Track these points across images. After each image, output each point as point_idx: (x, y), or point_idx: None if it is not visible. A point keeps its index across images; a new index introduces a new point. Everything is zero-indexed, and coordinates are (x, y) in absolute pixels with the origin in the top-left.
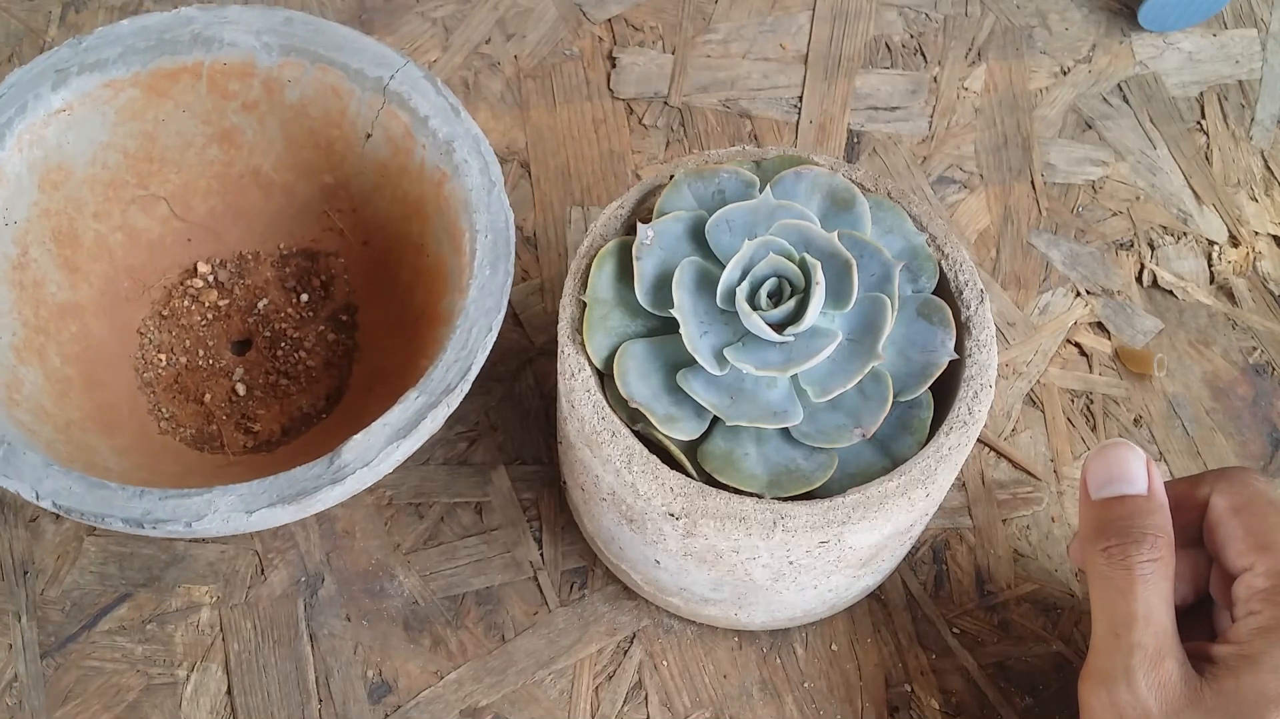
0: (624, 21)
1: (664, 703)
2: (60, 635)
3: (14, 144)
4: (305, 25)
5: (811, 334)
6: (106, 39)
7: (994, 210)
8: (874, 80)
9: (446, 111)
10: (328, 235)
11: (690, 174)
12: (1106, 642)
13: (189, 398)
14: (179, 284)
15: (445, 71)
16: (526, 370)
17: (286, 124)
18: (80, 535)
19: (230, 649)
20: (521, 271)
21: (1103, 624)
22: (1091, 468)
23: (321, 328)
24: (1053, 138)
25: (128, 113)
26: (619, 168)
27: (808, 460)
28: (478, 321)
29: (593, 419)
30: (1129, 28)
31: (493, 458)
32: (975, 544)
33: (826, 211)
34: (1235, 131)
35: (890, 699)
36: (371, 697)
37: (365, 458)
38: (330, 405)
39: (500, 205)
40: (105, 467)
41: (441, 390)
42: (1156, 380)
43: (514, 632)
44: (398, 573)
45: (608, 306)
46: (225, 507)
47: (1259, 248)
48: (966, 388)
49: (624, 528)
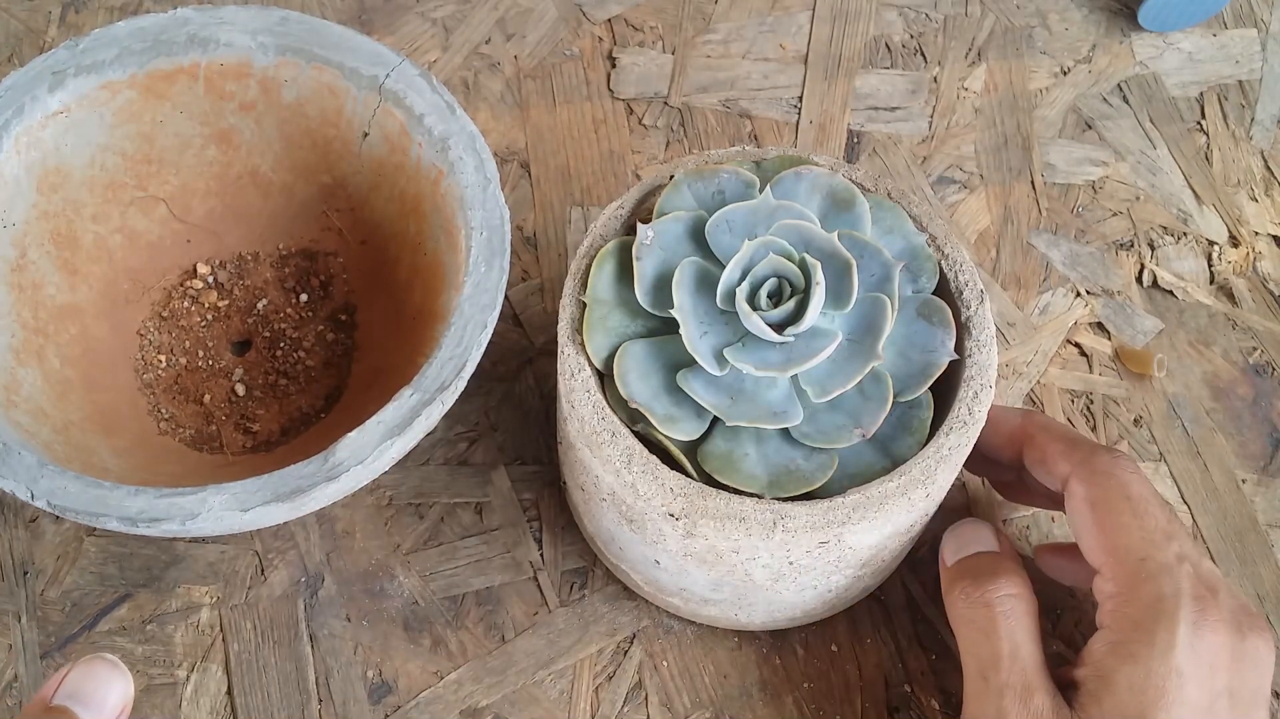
0: (624, 21)
1: (664, 703)
2: (60, 636)
3: (11, 146)
4: (301, 25)
5: (811, 334)
6: (103, 41)
7: (994, 210)
8: (874, 80)
9: (442, 109)
10: (326, 235)
11: (690, 174)
12: (977, 687)
13: (189, 398)
14: (178, 285)
15: (445, 72)
16: (526, 370)
17: (284, 124)
18: (80, 536)
19: (230, 649)
20: (521, 271)
21: (972, 669)
22: (947, 542)
23: (320, 327)
24: (1053, 138)
25: (125, 114)
26: (619, 168)
27: (808, 461)
28: (473, 319)
29: (593, 419)
30: (1129, 28)
31: (493, 458)
32: None
33: (826, 212)
34: (1235, 131)
35: (890, 699)
36: (371, 697)
37: (360, 455)
38: (329, 405)
39: (495, 202)
40: (104, 467)
41: (436, 388)
42: (1156, 380)
43: (514, 632)
44: (398, 573)
45: (608, 307)
46: (220, 505)
47: (1259, 248)
48: (966, 388)
49: (624, 528)
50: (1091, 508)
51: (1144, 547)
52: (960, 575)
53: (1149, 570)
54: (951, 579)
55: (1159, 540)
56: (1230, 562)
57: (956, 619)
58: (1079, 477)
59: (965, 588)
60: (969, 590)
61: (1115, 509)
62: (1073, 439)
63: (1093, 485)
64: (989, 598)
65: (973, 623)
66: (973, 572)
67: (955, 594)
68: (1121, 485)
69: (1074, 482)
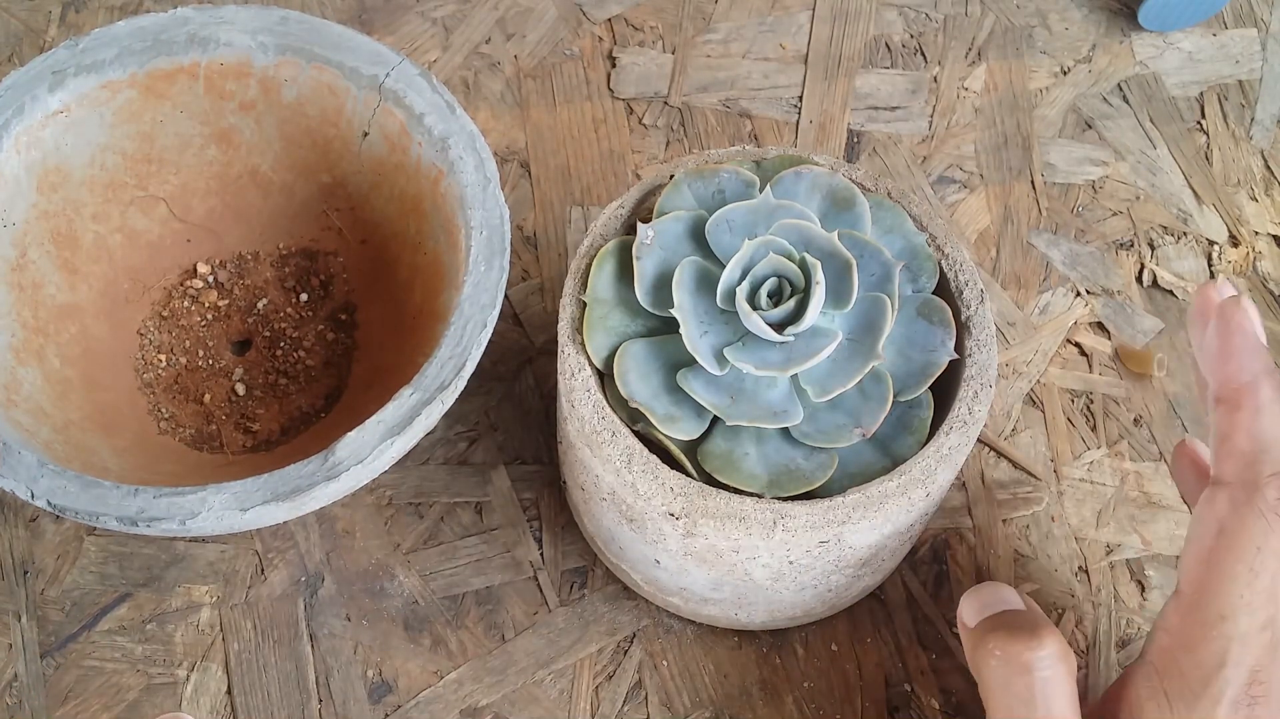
0: (624, 21)
1: (664, 703)
2: (60, 635)
3: (11, 146)
4: (301, 24)
5: (811, 334)
6: (103, 40)
7: (994, 210)
8: (874, 80)
9: (442, 108)
10: (326, 234)
11: (690, 174)
12: None
13: (189, 398)
14: (178, 285)
15: (445, 71)
16: (526, 370)
17: (284, 124)
18: (80, 535)
19: (230, 649)
20: (521, 271)
21: None
22: (967, 603)
23: (321, 327)
24: (1053, 138)
25: (125, 114)
26: (619, 168)
27: (808, 460)
28: (472, 318)
29: (593, 419)
30: (1129, 28)
31: (493, 458)
32: (975, 544)
33: (826, 211)
34: (1235, 131)
35: (890, 699)
36: (371, 697)
37: (359, 455)
38: (330, 404)
39: (495, 201)
40: (104, 467)
41: (436, 387)
42: (1156, 380)
43: (514, 632)
44: (398, 573)
45: (608, 306)
46: (219, 504)
47: (1259, 248)
48: (966, 388)
49: (624, 528)
50: (1219, 534)
51: (1233, 604)
52: (991, 631)
53: (1223, 632)
54: (980, 636)
55: (1255, 605)
56: None
57: (989, 681)
58: (1232, 496)
59: (1000, 644)
60: (1005, 648)
61: (1236, 551)
62: (1264, 438)
63: (1236, 514)
64: (1028, 660)
65: (1008, 688)
66: (1007, 626)
67: (986, 652)
68: (1262, 534)
69: (1223, 494)
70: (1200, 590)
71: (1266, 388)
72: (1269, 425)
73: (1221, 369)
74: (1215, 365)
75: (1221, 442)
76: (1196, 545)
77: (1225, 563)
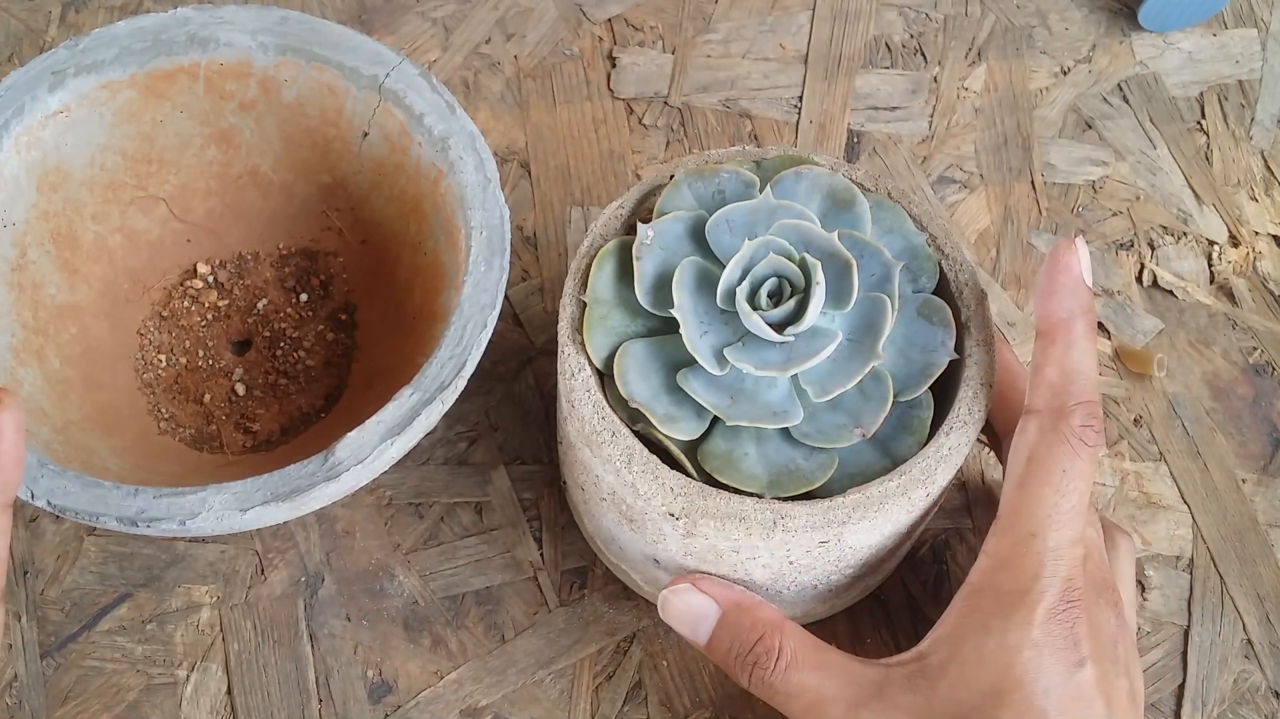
0: (624, 21)
1: (664, 703)
2: (60, 635)
3: (11, 146)
4: (301, 24)
5: (811, 334)
6: (103, 40)
7: (994, 210)
8: (874, 80)
9: (442, 108)
10: (326, 235)
11: (690, 174)
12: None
13: (189, 398)
14: (179, 285)
15: (445, 71)
16: (526, 370)
17: (284, 124)
18: (80, 535)
19: (230, 649)
20: (521, 271)
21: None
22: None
23: (321, 327)
24: (1053, 138)
25: (125, 114)
26: (619, 168)
27: (808, 460)
28: (472, 318)
29: (593, 419)
30: (1129, 28)
31: (493, 458)
32: (975, 544)
33: (826, 211)
34: (1235, 131)
35: None
36: (371, 697)
37: (359, 455)
38: (330, 405)
39: (495, 201)
40: (104, 467)
41: (436, 387)
42: (1156, 380)
43: (514, 632)
44: (398, 573)
45: (608, 306)
46: (219, 505)
47: (1259, 248)
48: (966, 388)
49: (624, 528)
50: (1029, 460)
51: (1042, 522)
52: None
53: (1034, 548)
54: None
55: (1062, 522)
56: (1230, 561)
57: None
58: (1040, 423)
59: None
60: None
61: (1043, 475)
62: (1072, 370)
63: (1044, 440)
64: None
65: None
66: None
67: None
68: (1067, 458)
69: (1033, 422)
70: (1014, 513)
71: (1080, 324)
72: (1079, 358)
73: (1044, 305)
74: (1039, 301)
75: (1035, 372)
76: (1011, 471)
77: (1034, 485)
